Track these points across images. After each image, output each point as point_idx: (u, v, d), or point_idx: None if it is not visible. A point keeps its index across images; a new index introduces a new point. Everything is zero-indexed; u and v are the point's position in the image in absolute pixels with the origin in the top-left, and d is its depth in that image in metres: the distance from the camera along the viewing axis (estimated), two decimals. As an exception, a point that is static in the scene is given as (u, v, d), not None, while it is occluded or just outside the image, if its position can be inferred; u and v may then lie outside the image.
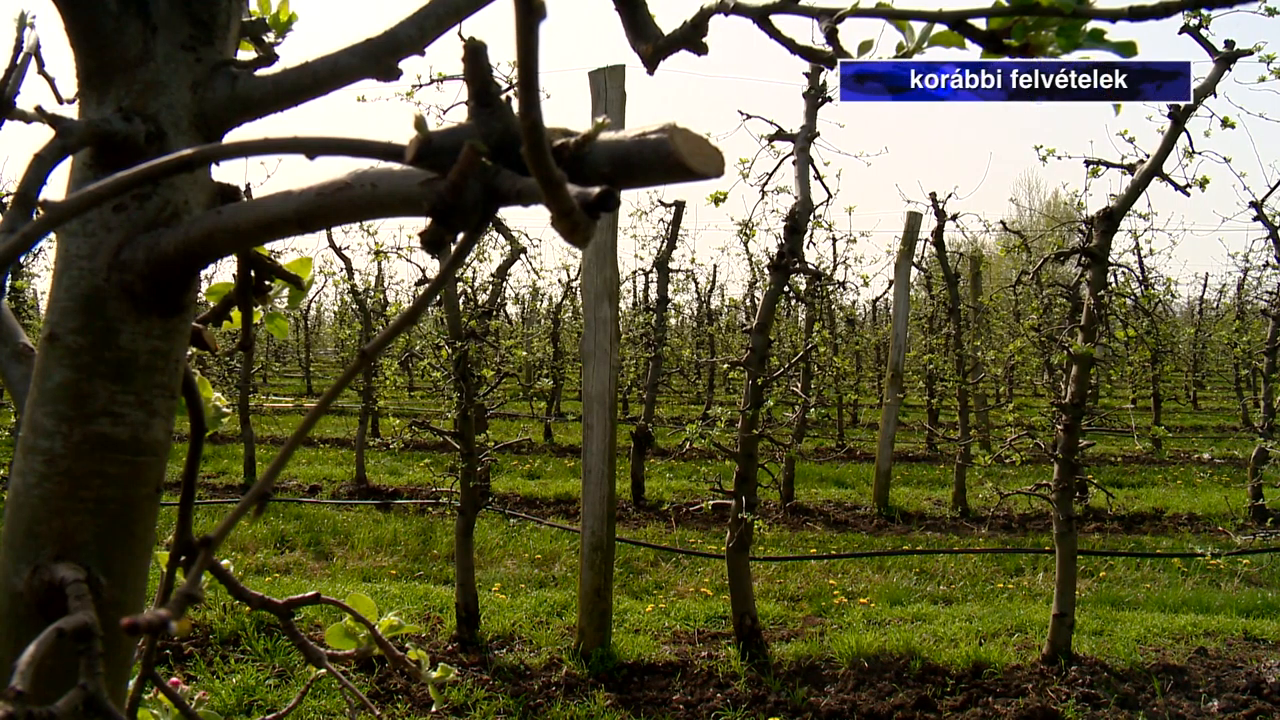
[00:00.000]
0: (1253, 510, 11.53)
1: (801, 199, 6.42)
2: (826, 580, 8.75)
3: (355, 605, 1.16)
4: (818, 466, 14.91)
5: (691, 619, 7.39)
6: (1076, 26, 0.76)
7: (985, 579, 9.00)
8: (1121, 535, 11.04)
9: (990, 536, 10.90)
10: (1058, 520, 6.56)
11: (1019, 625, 7.27)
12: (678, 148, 0.73)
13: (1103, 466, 15.52)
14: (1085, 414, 6.40)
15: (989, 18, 0.77)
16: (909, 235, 12.22)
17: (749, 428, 6.22)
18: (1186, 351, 26.99)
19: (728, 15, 0.79)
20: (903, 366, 12.53)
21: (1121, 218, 6.39)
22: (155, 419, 1.01)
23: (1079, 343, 6.28)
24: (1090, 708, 5.94)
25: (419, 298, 0.75)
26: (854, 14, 0.76)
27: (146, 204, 1.01)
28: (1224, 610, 8.01)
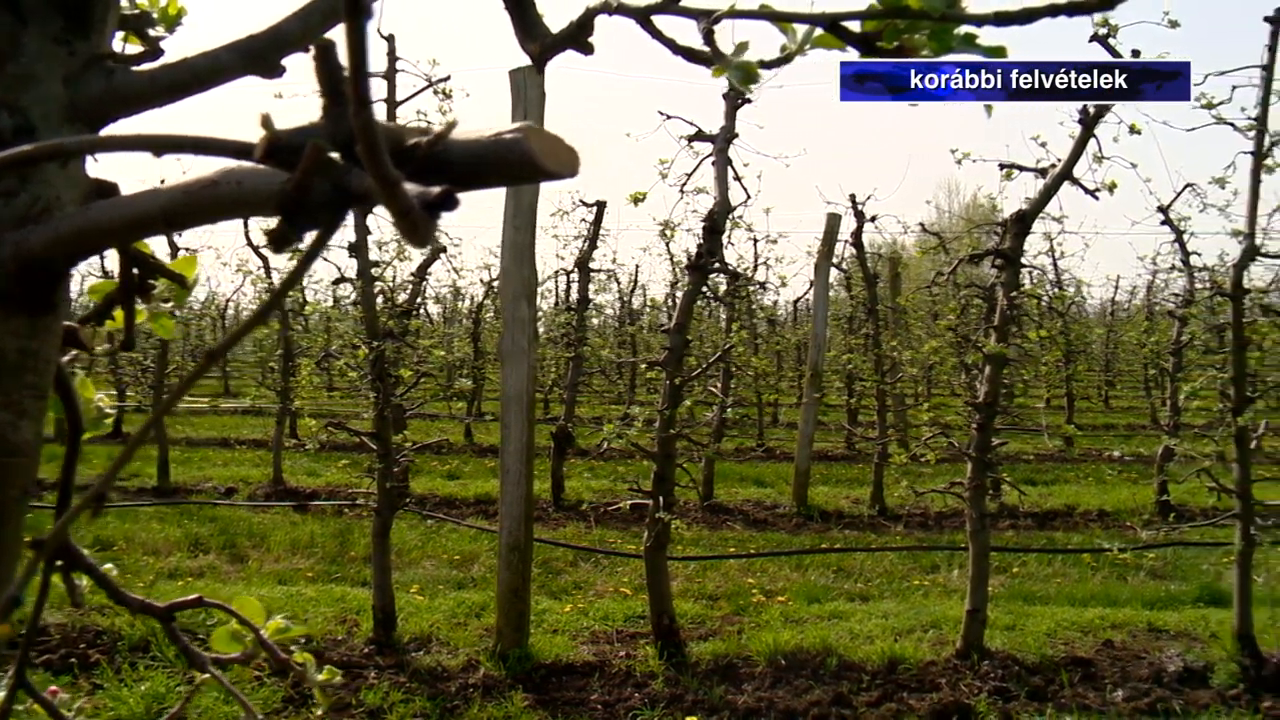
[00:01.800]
0: (1159, 506, 11.81)
1: (720, 200, 6.44)
2: (745, 579, 8.79)
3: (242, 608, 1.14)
4: (738, 466, 14.99)
5: (610, 619, 7.39)
6: (948, 30, 0.76)
7: (902, 576, 9.11)
8: (1034, 532, 11.23)
9: (907, 534, 11.04)
10: (971, 518, 6.66)
11: (934, 621, 7.36)
12: (532, 148, 0.72)
13: (1017, 465, 15.77)
14: (998, 413, 6.49)
15: (863, 20, 0.77)
16: (828, 236, 12.33)
17: (666, 428, 6.23)
18: (1099, 352, 27.55)
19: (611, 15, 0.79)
20: (822, 366, 12.64)
21: (1034, 220, 6.50)
22: (24, 420, 0.98)
23: (992, 343, 6.38)
24: (1002, 701, 6.03)
25: (268, 298, 0.73)
26: (730, 15, 0.76)
27: (14, 201, 0.98)
28: (1130, 603, 8.19)
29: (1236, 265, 6.53)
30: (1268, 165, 6.41)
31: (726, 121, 6.84)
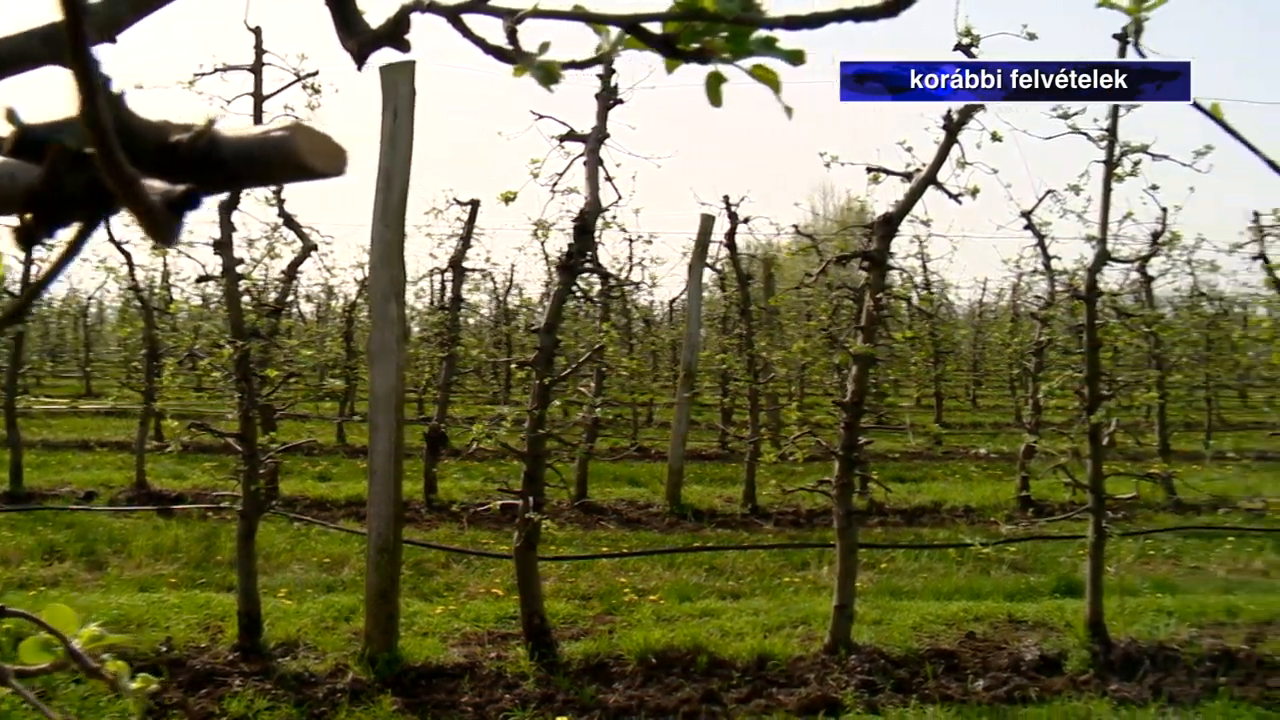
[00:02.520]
0: (1020, 501, 12.19)
1: (591, 200, 6.45)
2: (618, 578, 8.82)
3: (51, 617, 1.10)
4: (612, 465, 15.02)
5: (482, 620, 7.34)
6: (745, 33, 0.77)
7: (773, 574, 9.23)
8: (903, 528, 11.49)
9: (779, 532, 11.19)
10: (839, 515, 6.78)
11: (803, 617, 7.47)
12: (300, 146, 0.71)
13: (887, 463, 16.10)
14: (865, 412, 6.62)
15: (663, 22, 0.78)
16: (702, 237, 12.44)
17: (536, 428, 6.22)
18: (967, 352, 28.30)
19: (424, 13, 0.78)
20: (696, 366, 12.75)
21: (900, 223, 6.64)
22: None
23: (859, 343, 6.51)
24: (868, 693, 6.16)
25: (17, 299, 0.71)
26: (533, 15, 0.76)
27: None
28: (992, 595, 8.44)
29: (1090, 269, 6.77)
30: (1118, 174, 6.66)
31: (598, 122, 6.85)
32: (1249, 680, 6.51)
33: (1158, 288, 16.67)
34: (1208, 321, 18.26)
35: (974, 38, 6.54)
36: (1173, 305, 21.16)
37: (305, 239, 11.46)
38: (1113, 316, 6.92)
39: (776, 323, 16.94)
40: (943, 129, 6.39)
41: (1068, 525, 8.78)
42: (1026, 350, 13.74)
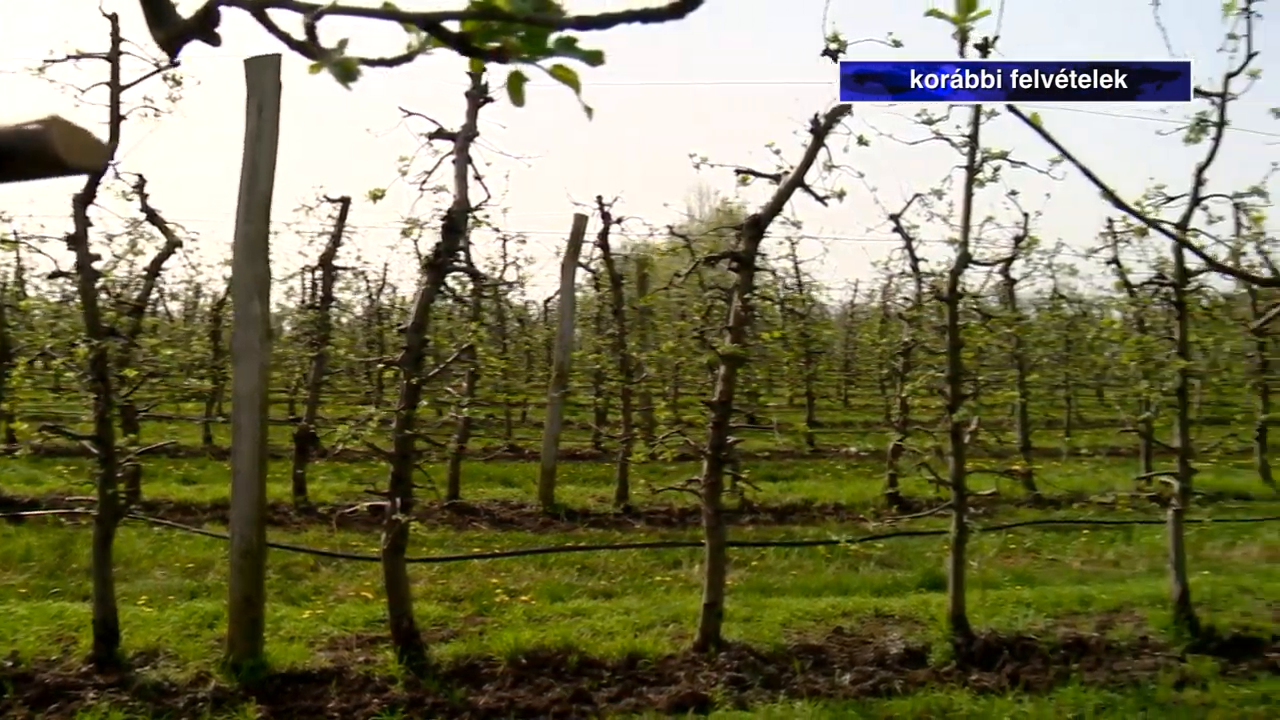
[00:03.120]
0: (889, 498, 12.45)
1: (459, 198, 6.39)
2: (490, 579, 8.76)
3: None
4: (485, 466, 14.93)
5: (350, 623, 7.22)
6: (542, 33, 0.77)
7: (645, 573, 9.27)
8: (774, 526, 11.64)
9: (651, 531, 11.24)
10: (707, 514, 6.84)
11: (674, 616, 7.50)
12: (54, 139, 0.69)
13: (760, 462, 16.29)
14: (734, 412, 6.68)
15: (461, 20, 0.77)
16: (575, 237, 12.43)
17: (403, 428, 6.14)
18: (840, 353, 28.81)
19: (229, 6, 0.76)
20: (568, 366, 12.73)
21: (768, 224, 6.72)
22: None
23: (727, 343, 6.57)
24: (738, 690, 6.22)
25: None
26: (331, 11, 0.74)
27: None
28: (860, 591, 8.60)
29: (952, 272, 6.95)
30: (979, 179, 6.83)
31: (468, 120, 6.78)
32: (1098, 665, 6.78)
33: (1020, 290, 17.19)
34: (1067, 323, 18.84)
35: (841, 44, 6.66)
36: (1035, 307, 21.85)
37: (169, 235, 11.15)
38: (974, 317, 7.10)
39: (650, 323, 17.04)
40: (810, 132, 6.49)
41: (933, 521, 8.96)
42: (895, 350, 14.03)
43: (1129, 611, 7.86)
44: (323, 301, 13.78)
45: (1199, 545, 10.47)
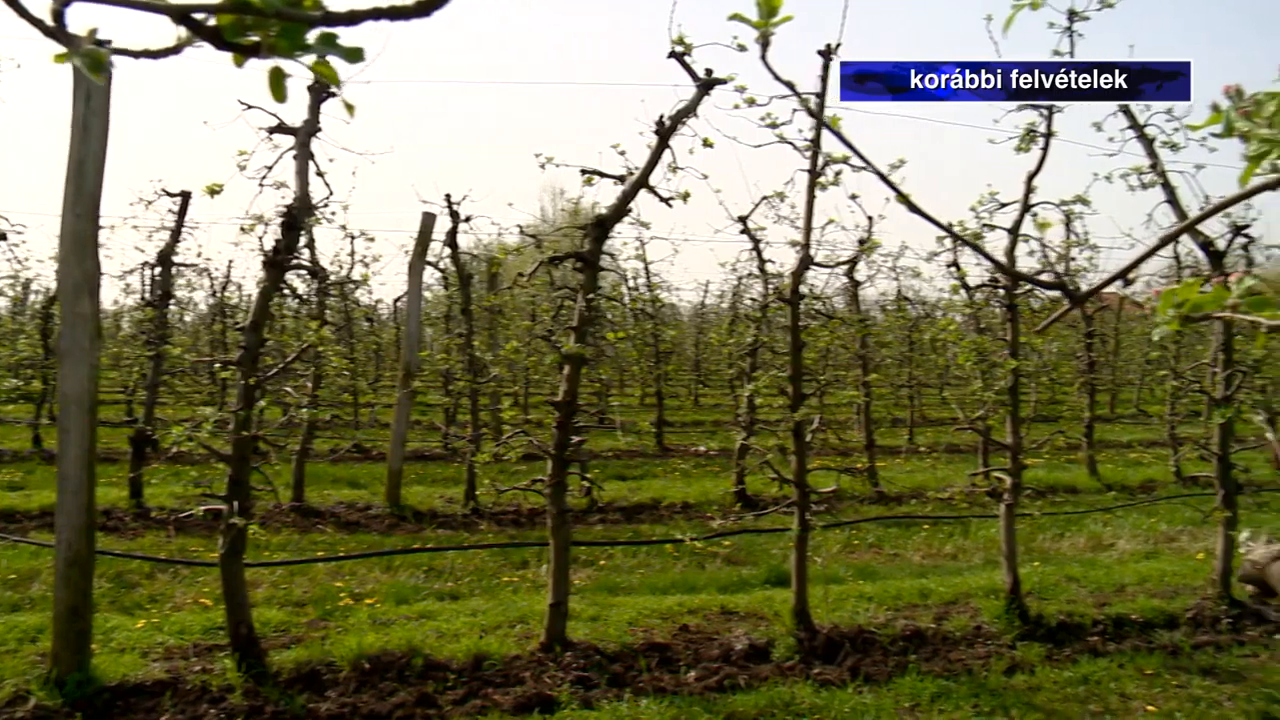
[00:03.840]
0: (737, 496, 12.61)
1: (300, 195, 6.25)
2: (334, 583, 8.60)
3: None
4: (331, 467, 14.64)
5: (187, 632, 7.00)
6: (299, 29, 0.76)
7: (492, 573, 9.22)
8: (622, 525, 11.69)
9: (500, 532, 11.18)
10: (552, 514, 6.83)
11: (521, 616, 7.48)
12: None
13: (610, 461, 16.36)
14: (580, 411, 6.68)
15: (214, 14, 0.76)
16: (423, 236, 12.29)
17: (240, 429, 5.98)
18: (690, 353, 29.10)
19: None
20: (416, 365, 12.56)
21: (613, 225, 6.74)
22: None
23: (571, 343, 6.57)
24: (584, 689, 6.23)
25: None
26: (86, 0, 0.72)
27: None
28: (707, 589, 8.69)
29: (794, 273, 7.07)
30: (821, 183, 6.96)
31: (310, 115, 6.63)
32: (935, 655, 7.01)
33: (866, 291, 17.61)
34: (910, 324, 19.37)
35: (687, 46, 6.73)
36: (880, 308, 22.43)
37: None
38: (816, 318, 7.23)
39: (501, 322, 16.94)
40: (655, 134, 6.53)
41: (778, 519, 9.10)
42: (742, 351, 14.23)
43: (965, 603, 8.12)
44: (161, 299, 13.32)
45: (1031, 537, 10.89)
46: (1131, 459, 18.08)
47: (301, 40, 0.76)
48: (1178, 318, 1.26)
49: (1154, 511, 12.79)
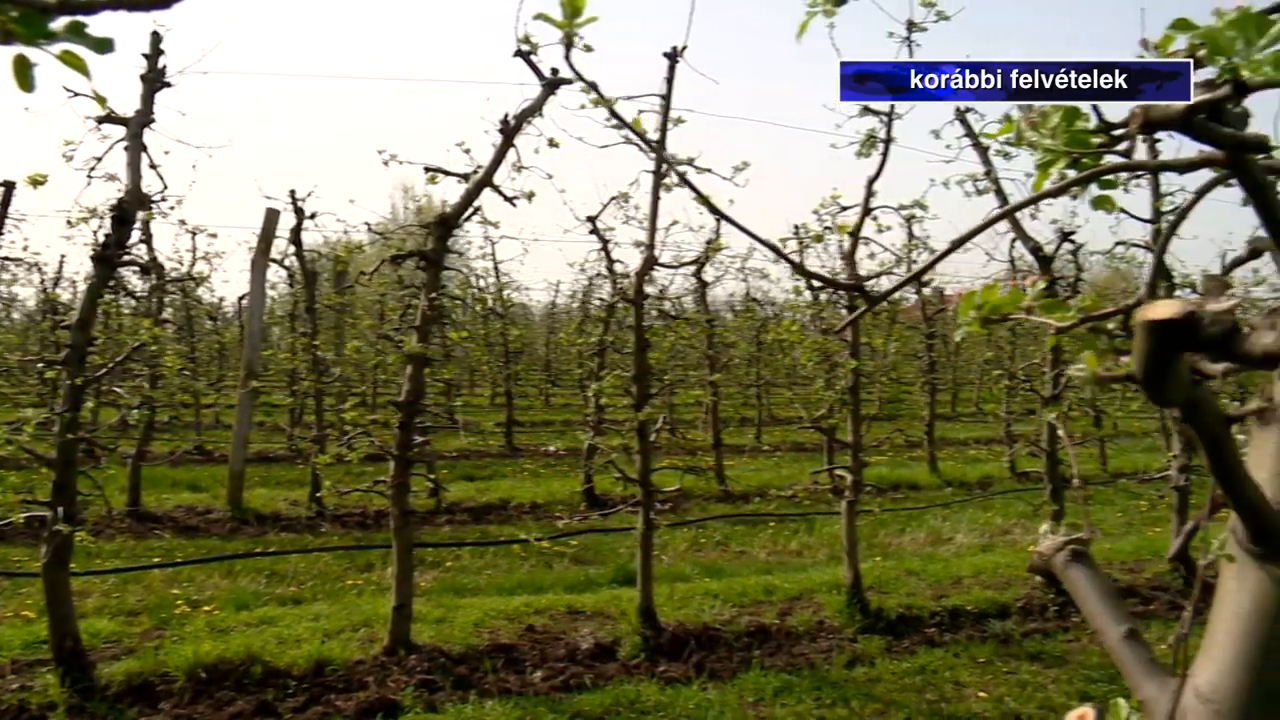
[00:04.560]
0: (585, 496, 12.63)
1: (132, 188, 6.03)
2: (171, 590, 8.33)
3: None
4: (171, 470, 14.17)
5: (7, 647, 6.67)
6: (40, 17, 0.73)
7: (337, 576, 9.05)
8: (470, 526, 11.59)
9: (345, 534, 10.99)
10: (395, 516, 6.74)
11: (365, 620, 7.36)
12: None
13: (458, 462, 16.22)
14: (424, 411, 6.61)
15: None
16: (266, 232, 11.99)
17: (66, 431, 5.74)
18: (542, 353, 29.04)
19: None
20: (258, 365, 12.26)
21: (456, 223, 6.67)
22: None
23: (414, 342, 6.49)
24: (428, 692, 6.16)
25: None
26: None
27: None
28: (554, 588, 8.69)
29: (638, 273, 7.11)
30: (666, 184, 7.01)
31: (143, 105, 6.41)
32: (779, 650, 7.13)
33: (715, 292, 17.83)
34: (759, 324, 19.63)
35: (533, 45, 6.69)
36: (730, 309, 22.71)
37: None
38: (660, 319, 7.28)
39: (348, 321, 16.66)
40: (500, 132, 6.49)
41: (626, 518, 9.15)
42: (590, 350, 14.26)
43: (809, 598, 8.28)
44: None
45: (874, 533, 11.16)
46: (970, 456, 18.68)
47: (44, 28, 0.72)
48: (978, 319, 1.30)
49: (990, 506, 13.22)
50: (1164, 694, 1.28)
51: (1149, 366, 1.06)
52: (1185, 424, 1.17)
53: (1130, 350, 1.08)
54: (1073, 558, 1.55)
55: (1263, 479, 1.23)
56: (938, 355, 19.82)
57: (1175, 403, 1.16)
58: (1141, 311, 1.03)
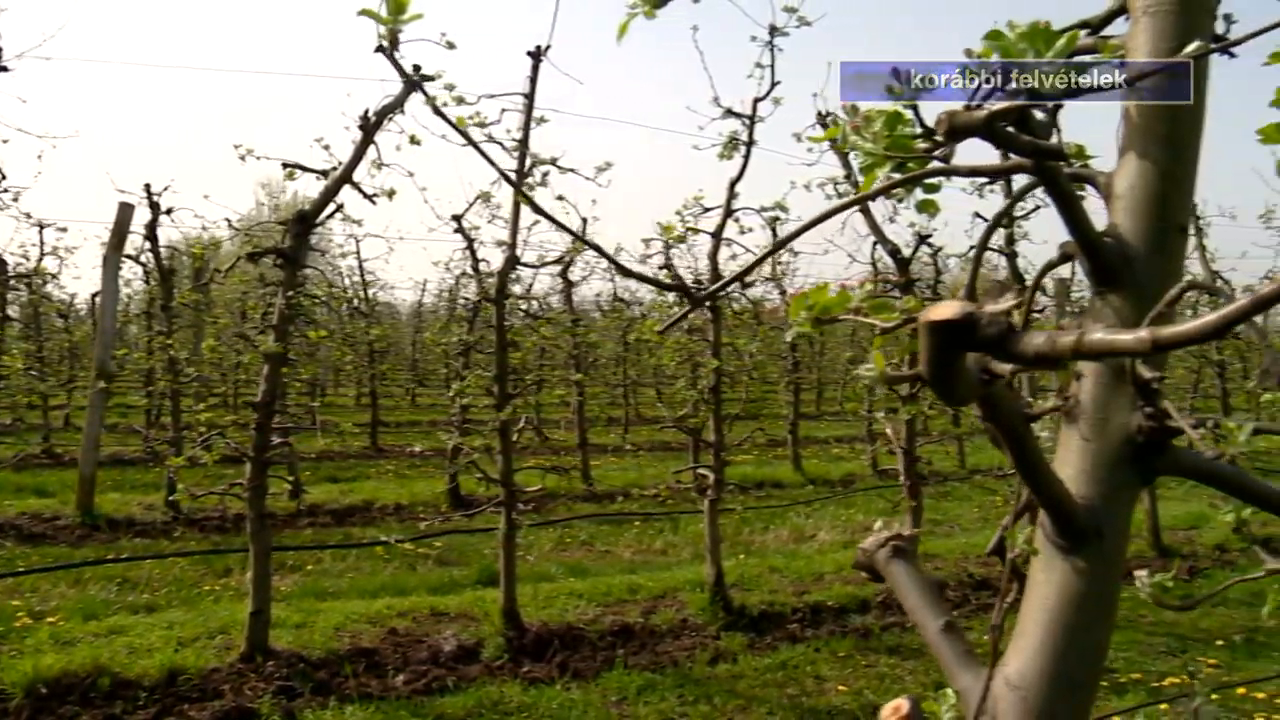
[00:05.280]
0: (450, 496, 12.53)
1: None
2: (11, 602, 7.97)
3: None
4: (15, 475, 13.59)
5: None
6: None
7: (193, 583, 8.82)
8: (333, 528, 11.40)
9: (203, 538, 10.71)
10: (251, 519, 6.61)
11: (222, 627, 7.19)
12: None
13: (322, 463, 15.94)
14: (281, 412, 6.47)
15: None
16: (119, 227, 11.61)
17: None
18: (409, 352, 28.71)
19: None
20: (110, 364, 11.86)
21: (315, 220, 6.57)
22: None
23: (270, 341, 6.36)
24: (287, 699, 6.06)
25: None
26: None
27: None
28: (417, 590, 8.61)
29: (500, 273, 7.09)
30: (528, 183, 7.00)
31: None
32: (643, 649, 7.19)
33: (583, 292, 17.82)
34: (626, 324, 19.69)
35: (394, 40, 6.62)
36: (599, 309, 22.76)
37: None
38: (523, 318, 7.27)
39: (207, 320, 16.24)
40: (360, 129, 6.40)
41: (491, 518, 9.11)
42: (455, 350, 14.15)
43: (673, 596, 8.35)
44: None
45: (738, 531, 11.32)
46: (834, 454, 19.04)
47: None
48: (809, 319, 1.33)
49: (852, 503, 13.50)
50: (978, 683, 1.33)
51: (934, 366, 1.10)
52: (987, 422, 1.22)
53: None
54: (894, 554, 1.60)
55: (1069, 475, 1.29)
56: (802, 355, 20.16)
57: (965, 401, 1.21)
58: (925, 313, 1.07)
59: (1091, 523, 1.26)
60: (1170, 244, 1.28)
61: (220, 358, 12.25)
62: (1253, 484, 1.29)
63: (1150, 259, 1.26)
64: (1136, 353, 0.94)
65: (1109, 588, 1.29)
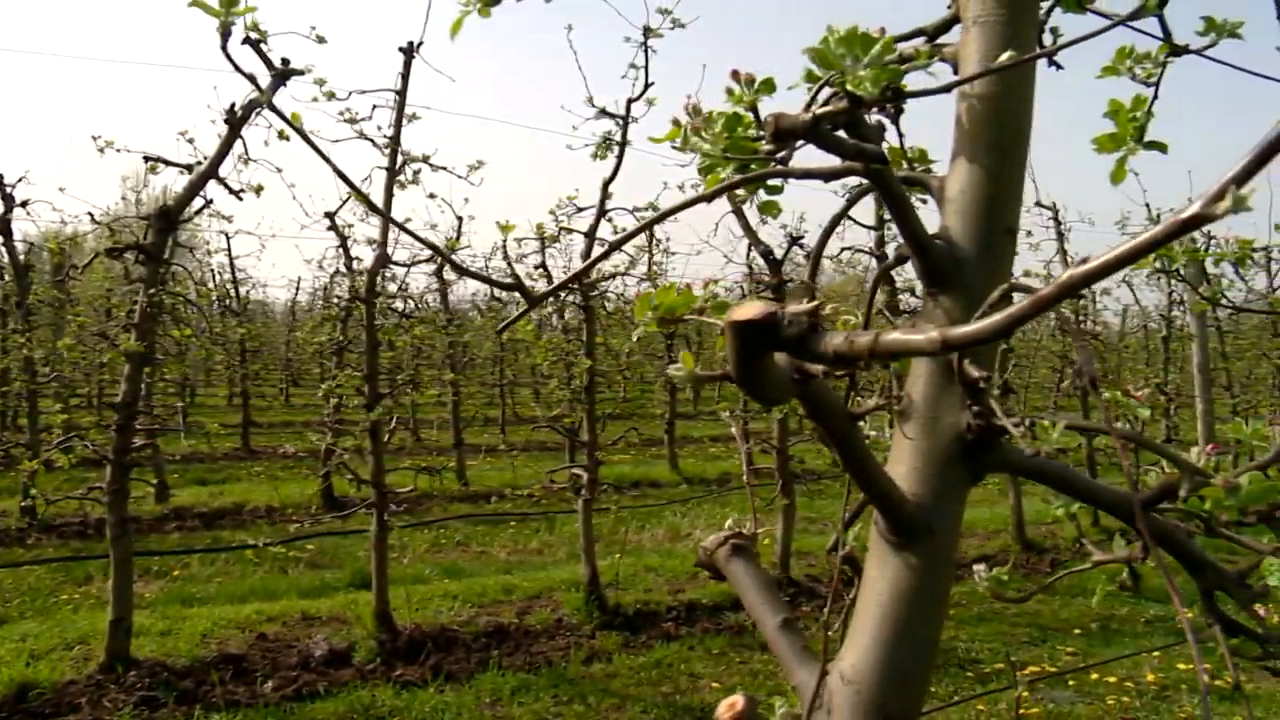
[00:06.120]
0: (324, 498, 12.34)
1: None
2: None
3: None
4: None
5: None
6: None
7: (50, 591, 8.53)
8: (202, 532, 11.13)
9: (63, 545, 10.35)
10: (112, 524, 6.42)
11: (81, 637, 6.97)
12: None
13: (192, 465, 15.56)
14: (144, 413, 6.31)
15: None
16: (-28, 222, 11.18)
17: None
18: (283, 351, 28.17)
19: None
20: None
21: (179, 216, 6.41)
22: None
23: (132, 340, 6.18)
24: (149, 710, 5.90)
25: None
26: None
27: None
28: (288, 594, 8.46)
29: (370, 272, 7.00)
30: (400, 181, 6.93)
31: None
32: (517, 649, 7.17)
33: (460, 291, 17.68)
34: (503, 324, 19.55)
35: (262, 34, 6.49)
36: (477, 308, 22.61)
37: None
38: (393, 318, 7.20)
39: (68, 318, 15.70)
40: (225, 123, 6.27)
41: (364, 520, 8.99)
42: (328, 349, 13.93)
43: (548, 597, 8.34)
44: None
45: (614, 531, 11.33)
46: (711, 453, 19.19)
47: None
48: (655, 319, 1.34)
49: (728, 502, 13.61)
50: (814, 679, 1.36)
51: (740, 366, 1.12)
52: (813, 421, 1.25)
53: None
54: (734, 552, 1.62)
55: (901, 473, 1.33)
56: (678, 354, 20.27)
57: (776, 400, 1.23)
58: (729, 312, 1.09)
59: (923, 520, 1.29)
60: (998, 246, 1.32)
61: (81, 357, 11.82)
62: (1076, 479, 1.34)
63: (979, 260, 1.30)
64: (928, 352, 0.97)
65: (940, 583, 1.33)
